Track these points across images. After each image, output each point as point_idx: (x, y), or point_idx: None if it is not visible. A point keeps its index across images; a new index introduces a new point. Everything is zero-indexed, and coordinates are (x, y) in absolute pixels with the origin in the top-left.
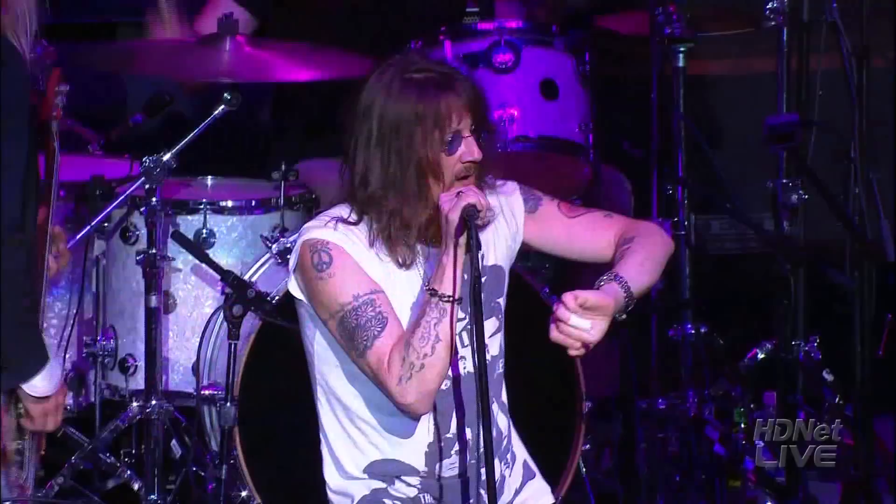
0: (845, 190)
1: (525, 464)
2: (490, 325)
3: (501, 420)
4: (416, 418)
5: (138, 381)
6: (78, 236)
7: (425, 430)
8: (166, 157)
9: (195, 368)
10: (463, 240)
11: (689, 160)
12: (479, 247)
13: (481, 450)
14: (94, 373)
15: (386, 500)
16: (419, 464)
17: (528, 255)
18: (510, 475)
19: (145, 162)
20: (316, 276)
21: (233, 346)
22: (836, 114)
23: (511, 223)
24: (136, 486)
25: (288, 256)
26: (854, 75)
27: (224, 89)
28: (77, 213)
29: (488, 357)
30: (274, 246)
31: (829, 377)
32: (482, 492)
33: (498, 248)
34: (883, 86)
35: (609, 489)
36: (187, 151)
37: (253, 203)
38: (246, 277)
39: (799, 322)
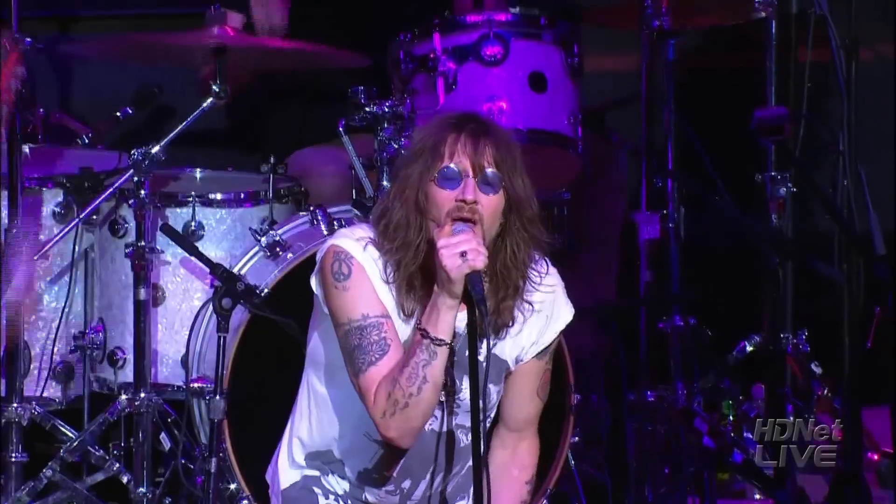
0: (834, 183)
1: None
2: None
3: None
4: (399, 453)
5: (127, 374)
6: (66, 228)
7: (371, 455)
8: (155, 149)
9: (184, 361)
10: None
11: (678, 153)
12: (484, 306)
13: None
14: (82, 366)
15: (315, 488)
16: (352, 477)
17: None
18: None
19: (134, 154)
20: (332, 283)
21: (222, 338)
22: (825, 107)
23: (539, 331)
24: (124, 479)
25: (277, 249)
26: (843, 68)
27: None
28: (66, 206)
29: (454, 424)
30: (263, 238)
31: (817, 370)
32: None
33: (513, 345)
34: (872, 78)
35: (598, 481)
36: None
37: (242, 196)
38: (235, 270)
39: (787, 315)
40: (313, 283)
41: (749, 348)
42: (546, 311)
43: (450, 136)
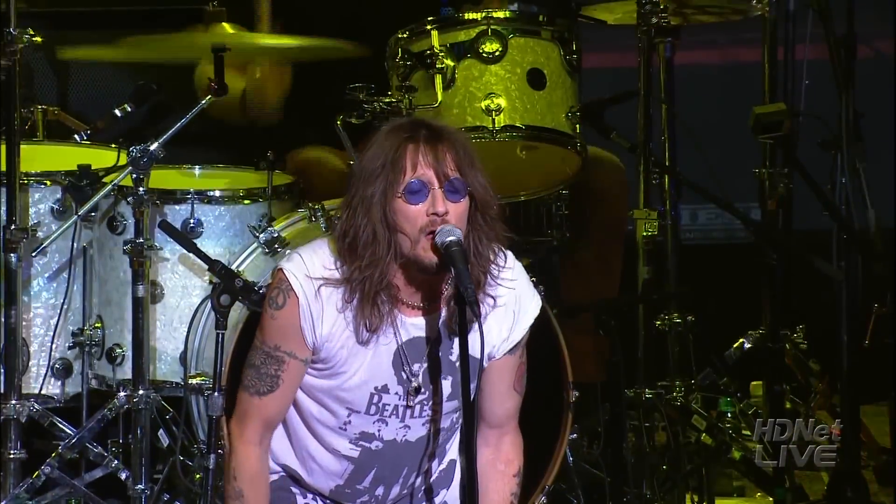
0: (832, 179)
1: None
2: (450, 406)
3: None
4: (370, 467)
5: (125, 371)
6: (65, 226)
7: (341, 471)
8: (153, 146)
9: (182, 358)
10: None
11: (675, 150)
12: (478, 306)
13: None
14: (81, 363)
15: (293, 488)
16: (325, 491)
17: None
18: None
19: (132, 151)
20: (266, 306)
21: (220, 335)
22: (823, 103)
23: (508, 328)
24: (123, 476)
25: (276, 246)
26: (841, 64)
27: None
28: (64, 203)
29: (427, 429)
30: (262, 235)
31: (815, 367)
32: None
33: (484, 341)
34: (869, 75)
35: (596, 477)
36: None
37: (241, 192)
38: (233, 267)
39: (785, 312)
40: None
41: (747, 345)
42: (512, 306)
43: (408, 148)
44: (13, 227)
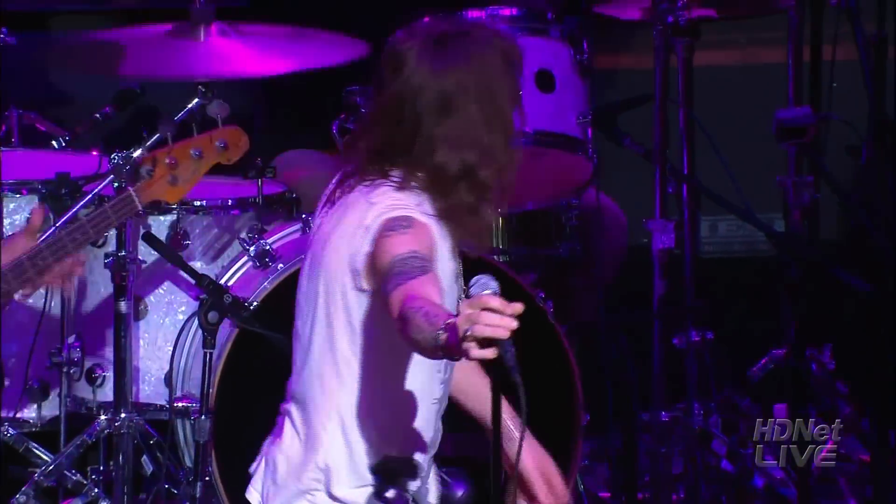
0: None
1: None
2: None
3: None
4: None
5: (107, 393)
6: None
7: (433, 419)
8: (137, 153)
9: (168, 379)
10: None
11: (694, 157)
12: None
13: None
14: (59, 384)
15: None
16: (424, 457)
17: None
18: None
19: (114, 158)
20: (387, 234)
21: (208, 355)
22: (851, 107)
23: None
24: None
25: (266, 259)
26: (870, 66)
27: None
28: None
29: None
30: (252, 248)
31: (843, 389)
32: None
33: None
34: None
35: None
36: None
37: (229, 202)
38: (222, 282)
39: (811, 329)
40: (350, 259)
41: (771, 365)
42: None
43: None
44: None
